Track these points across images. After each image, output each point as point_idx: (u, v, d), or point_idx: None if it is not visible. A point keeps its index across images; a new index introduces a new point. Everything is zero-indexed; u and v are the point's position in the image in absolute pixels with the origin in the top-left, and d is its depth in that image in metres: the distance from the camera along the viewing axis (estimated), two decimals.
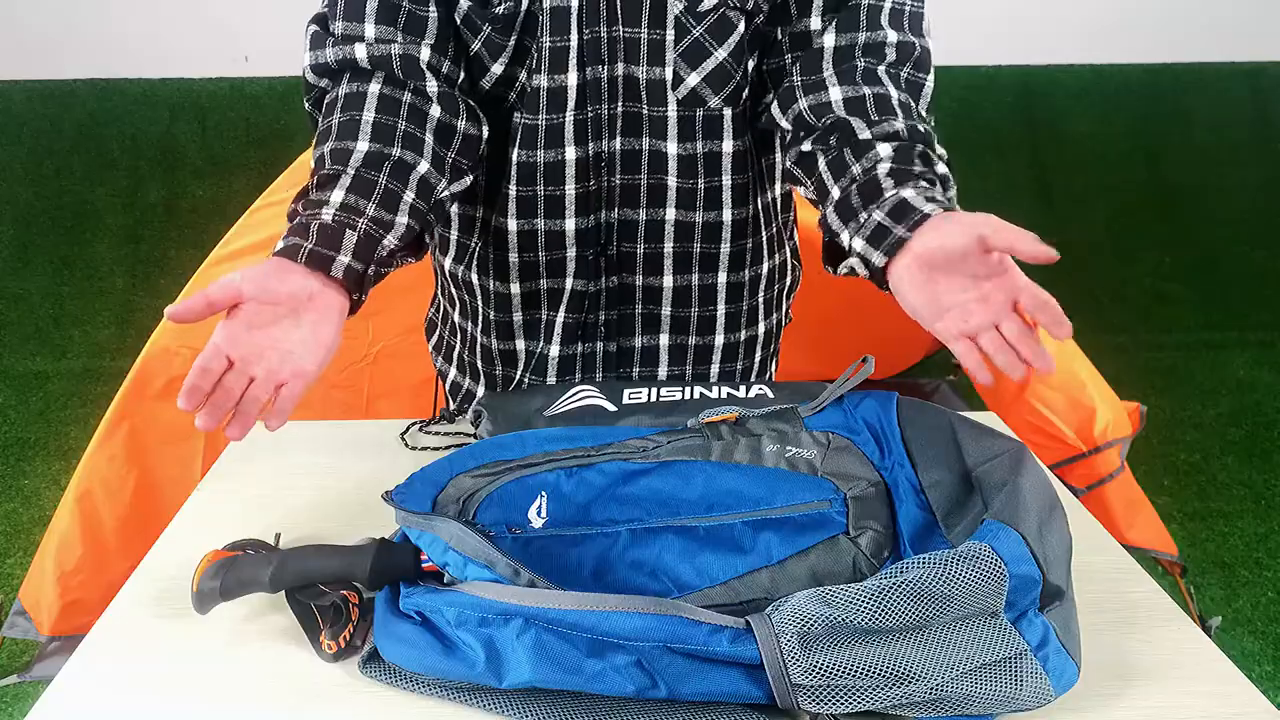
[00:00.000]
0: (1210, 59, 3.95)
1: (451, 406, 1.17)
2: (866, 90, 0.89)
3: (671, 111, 0.96)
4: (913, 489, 0.80)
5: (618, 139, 0.97)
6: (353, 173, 0.83)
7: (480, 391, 1.14)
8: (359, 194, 0.82)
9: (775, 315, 1.15)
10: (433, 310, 1.20)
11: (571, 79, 0.93)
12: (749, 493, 0.83)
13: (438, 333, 1.19)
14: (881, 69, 0.91)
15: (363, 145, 0.85)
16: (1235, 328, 3.27)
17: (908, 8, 0.92)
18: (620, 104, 0.95)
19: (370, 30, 0.88)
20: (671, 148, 0.97)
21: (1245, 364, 3.07)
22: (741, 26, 0.93)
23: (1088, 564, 0.77)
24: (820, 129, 0.90)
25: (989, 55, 3.81)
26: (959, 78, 3.80)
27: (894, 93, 0.90)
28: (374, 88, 0.88)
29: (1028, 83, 3.87)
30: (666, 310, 1.06)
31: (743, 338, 1.11)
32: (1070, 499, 0.93)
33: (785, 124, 0.94)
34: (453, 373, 1.17)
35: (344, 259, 0.78)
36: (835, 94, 0.90)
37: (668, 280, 1.04)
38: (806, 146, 0.91)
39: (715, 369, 1.11)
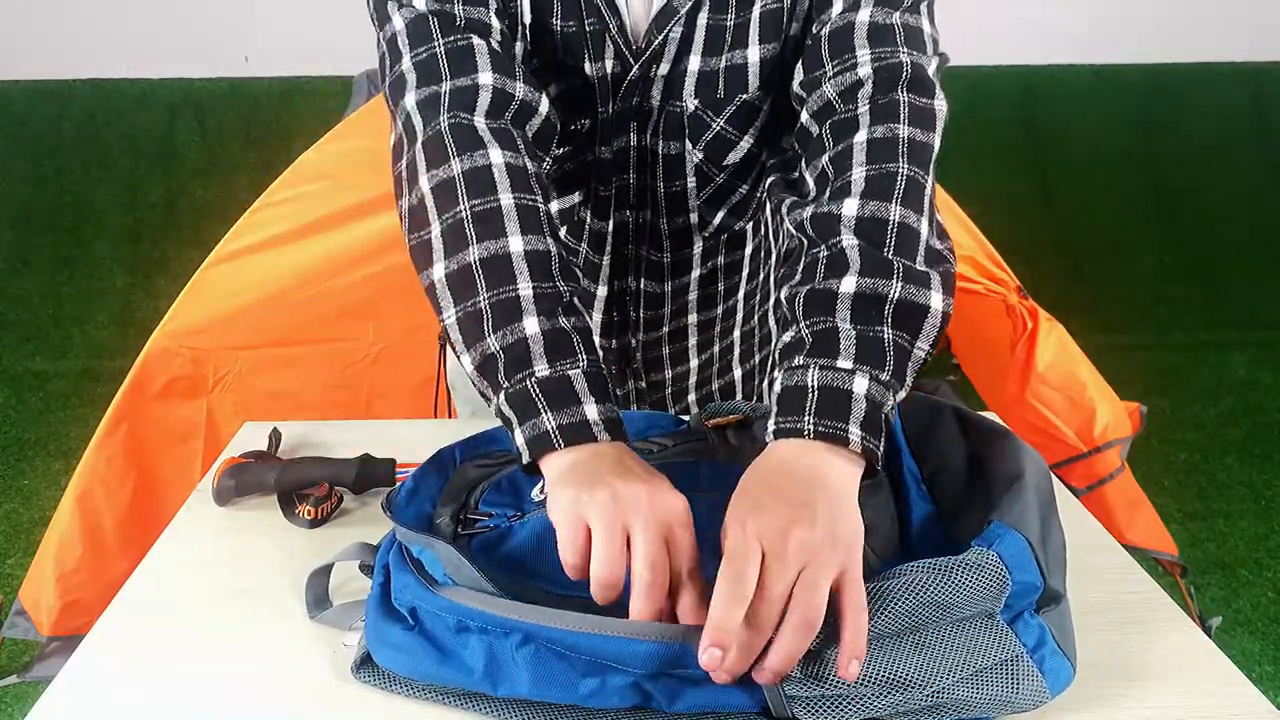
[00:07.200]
0: (1210, 59, 3.95)
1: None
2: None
3: (698, 249, 1.00)
4: (915, 480, 0.80)
5: (641, 280, 1.01)
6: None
7: None
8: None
9: None
10: None
11: (609, 224, 0.97)
12: None
13: None
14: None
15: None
16: (1235, 328, 3.27)
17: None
18: (646, 248, 0.99)
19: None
20: (695, 272, 1.02)
21: (1245, 364, 3.06)
22: (764, 153, 0.95)
23: (1088, 564, 0.77)
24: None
25: (989, 55, 3.81)
26: (959, 78, 3.77)
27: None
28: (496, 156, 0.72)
29: (1028, 83, 3.87)
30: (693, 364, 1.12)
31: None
32: (1070, 499, 0.93)
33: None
34: None
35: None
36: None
37: (692, 362, 1.11)
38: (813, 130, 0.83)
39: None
